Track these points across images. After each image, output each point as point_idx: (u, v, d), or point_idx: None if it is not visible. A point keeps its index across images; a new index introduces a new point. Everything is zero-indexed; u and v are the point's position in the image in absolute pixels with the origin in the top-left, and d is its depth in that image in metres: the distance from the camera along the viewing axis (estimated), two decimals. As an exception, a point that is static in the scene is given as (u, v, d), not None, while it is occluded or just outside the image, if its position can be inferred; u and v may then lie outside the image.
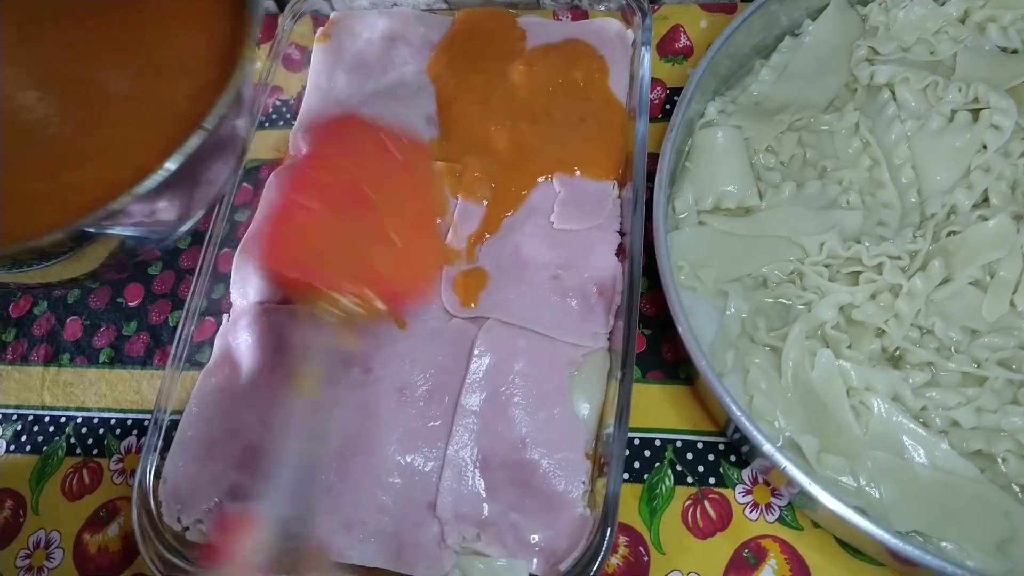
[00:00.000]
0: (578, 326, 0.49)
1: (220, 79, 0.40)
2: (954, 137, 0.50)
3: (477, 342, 0.48)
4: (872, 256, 0.47)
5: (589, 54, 0.56)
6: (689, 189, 0.52)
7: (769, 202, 0.51)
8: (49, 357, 0.59)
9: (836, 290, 0.46)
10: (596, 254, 0.50)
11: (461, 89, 0.56)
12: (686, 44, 0.62)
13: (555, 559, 0.43)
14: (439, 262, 0.47)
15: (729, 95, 0.56)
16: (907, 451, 0.43)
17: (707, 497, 0.47)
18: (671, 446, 0.49)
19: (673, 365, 0.52)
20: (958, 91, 0.51)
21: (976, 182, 0.48)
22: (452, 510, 0.44)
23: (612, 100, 0.56)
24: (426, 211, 0.47)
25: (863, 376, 0.44)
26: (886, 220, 0.49)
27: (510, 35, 0.57)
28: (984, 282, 0.46)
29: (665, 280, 0.45)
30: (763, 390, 0.45)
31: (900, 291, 0.46)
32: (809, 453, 0.43)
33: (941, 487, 0.42)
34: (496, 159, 0.54)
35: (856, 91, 0.54)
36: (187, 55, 0.43)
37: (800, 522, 0.46)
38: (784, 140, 0.53)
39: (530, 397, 0.47)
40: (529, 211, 0.52)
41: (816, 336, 0.47)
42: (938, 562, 0.37)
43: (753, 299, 0.49)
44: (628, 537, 0.47)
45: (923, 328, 0.46)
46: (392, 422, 0.47)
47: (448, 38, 0.58)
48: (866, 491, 0.42)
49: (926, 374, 0.45)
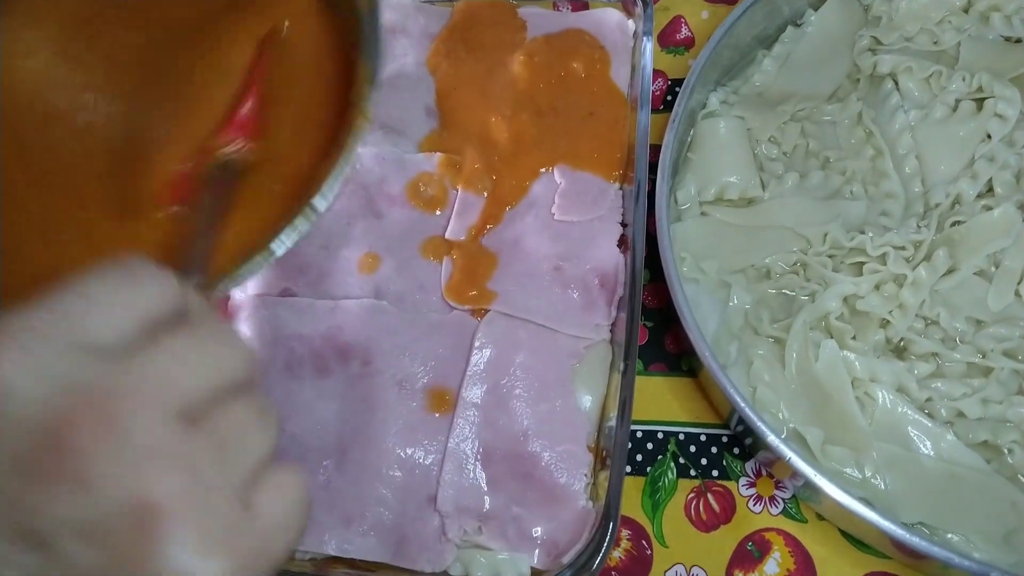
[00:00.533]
0: (580, 318, 0.48)
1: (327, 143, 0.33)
2: (958, 126, 0.50)
3: (478, 334, 0.48)
4: (876, 246, 0.46)
5: (590, 44, 0.56)
6: (691, 180, 0.51)
7: (772, 193, 0.50)
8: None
9: (840, 281, 0.46)
10: (598, 245, 0.50)
11: (461, 80, 0.55)
12: (687, 35, 0.62)
13: (557, 552, 0.43)
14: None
15: (731, 85, 0.55)
16: (912, 442, 0.43)
17: (710, 490, 0.47)
18: (674, 439, 0.49)
19: (676, 357, 0.51)
20: (962, 80, 0.50)
21: (980, 171, 0.48)
22: (453, 503, 0.44)
23: (615, 92, 0.55)
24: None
25: (868, 367, 0.44)
26: (890, 210, 0.49)
27: (510, 26, 0.57)
28: (989, 272, 0.46)
29: (668, 272, 0.45)
30: (767, 382, 0.45)
31: (904, 281, 0.46)
32: (814, 445, 0.43)
33: (947, 478, 0.42)
34: (497, 150, 0.53)
35: (859, 81, 0.54)
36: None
37: (804, 515, 0.46)
38: (787, 130, 0.53)
39: (532, 389, 0.46)
40: (530, 202, 0.52)
41: (820, 327, 0.46)
42: (945, 554, 0.37)
43: (756, 290, 0.48)
44: (631, 530, 0.47)
45: (928, 319, 0.46)
46: (392, 415, 0.46)
47: (448, 29, 0.57)
48: (871, 483, 0.42)
49: (931, 365, 0.44)
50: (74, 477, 0.21)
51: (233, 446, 0.23)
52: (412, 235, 0.51)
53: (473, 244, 0.51)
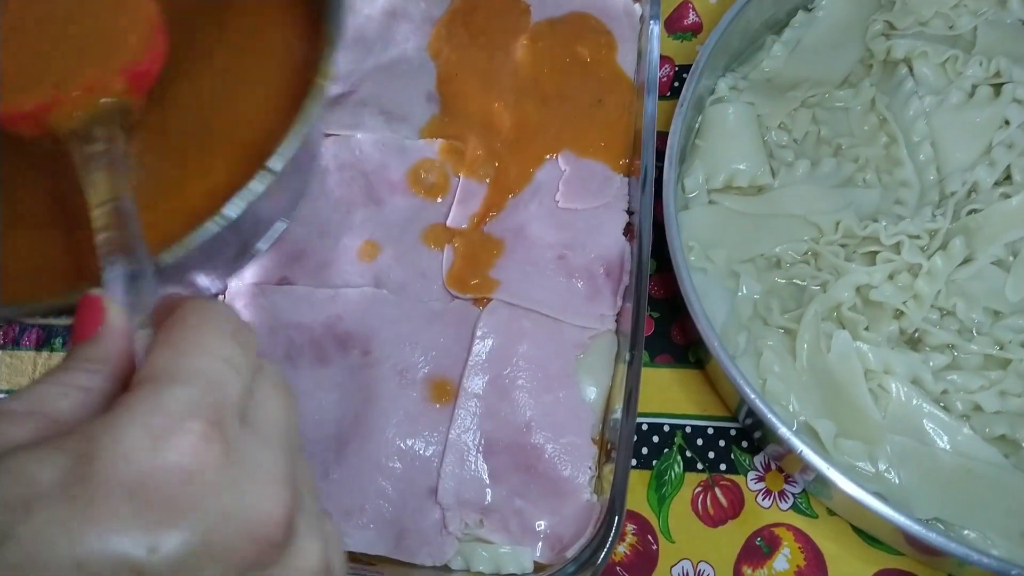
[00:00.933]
0: (585, 307, 0.47)
1: (290, 105, 0.32)
2: (975, 112, 0.48)
3: (480, 324, 0.47)
4: (890, 235, 0.45)
5: (596, 29, 0.54)
6: (699, 167, 0.50)
7: (782, 180, 0.49)
8: (41, 341, 0.57)
9: (853, 270, 0.45)
10: (603, 234, 0.49)
11: (463, 65, 0.54)
12: (695, 21, 0.60)
13: (561, 546, 0.41)
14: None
15: (740, 71, 0.54)
16: (928, 436, 0.41)
17: (718, 484, 0.46)
18: (680, 431, 0.48)
19: (683, 349, 0.50)
20: (979, 65, 0.49)
21: (998, 158, 0.47)
22: (454, 495, 0.43)
23: (622, 77, 0.54)
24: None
25: (881, 358, 0.43)
26: (904, 199, 0.48)
27: (513, 9, 0.55)
28: (1007, 261, 0.45)
29: (675, 261, 0.44)
30: (777, 373, 0.44)
31: (919, 271, 0.44)
32: (825, 438, 0.41)
33: (963, 473, 0.40)
34: (500, 137, 0.52)
35: (872, 66, 0.52)
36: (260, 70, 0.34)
37: (815, 509, 0.44)
38: (797, 117, 0.51)
39: (535, 380, 0.45)
40: (534, 190, 0.51)
41: (831, 318, 0.45)
42: (962, 550, 0.36)
43: (766, 280, 0.47)
44: (636, 525, 0.45)
45: (943, 309, 0.44)
46: (392, 405, 0.45)
47: (449, 13, 0.56)
48: (885, 477, 0.41)
49: (947, 356, 0.43)
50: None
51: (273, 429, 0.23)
52: (413, 223, 0.50)
53: (475, 232, 0.50)
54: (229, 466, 0.20)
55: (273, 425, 0.23)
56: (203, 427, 0.20)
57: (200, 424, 0.20)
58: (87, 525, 0.18)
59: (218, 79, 0.34)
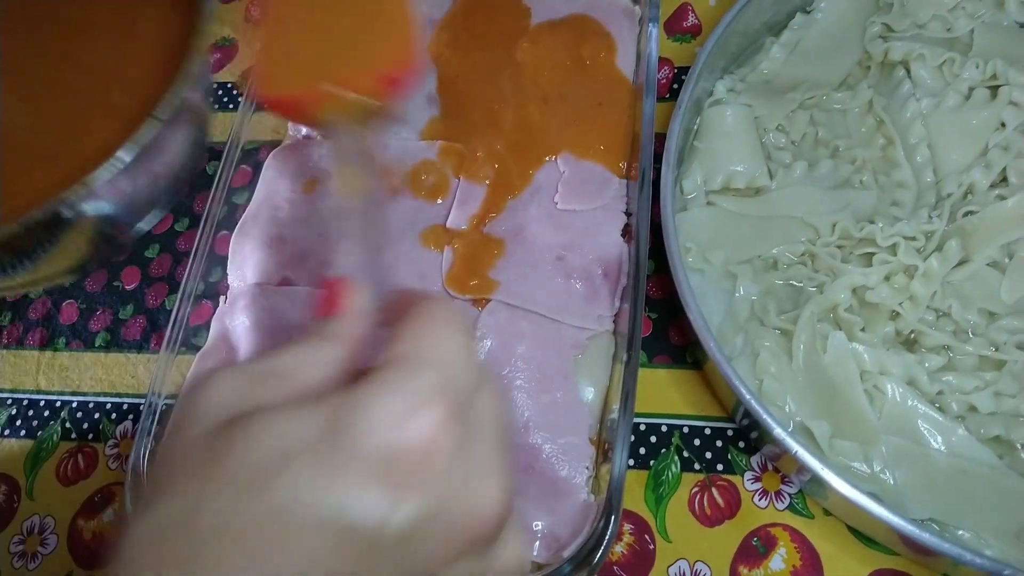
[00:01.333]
0: (583, 308, 0.47)
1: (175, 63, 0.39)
2: (971, 115, 0.48)
3: (479, 324, 0.47)
4: (886, 237, 0.45)
5: (596, 31, 0.55)
6: (697, 169, 0.50)
7: (780, 182, 0.49)
8: (45, 341, 0.58)
9: (849, 272, 0.45)
10: (602, 235, 0.49)
11: (463, 67, 0.55)
12: (694, 23, 0.61)
13: (558, 546, 0.42)
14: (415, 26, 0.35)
15: (739, 73, 0.54)
16: (923, 437, 0.42)
17: (715, 484, 0.46)
18: (678, 432, 0.48)
19: (680, 349, 0.50)
20: (975, 68, 0.49)
21: (994, 161, 0.47)
22: (452, 495, 0.43)
23: (621, 80, 0.54)
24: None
25: (877, 359, 0.43)
26: (901, 200, 0.48)
27: (514, 11, 0.56)
28: (1002, 263, 0.45)
29: (673, 262, 0.44)
30: (773, 374, 0.44)
31: (915, 272, 0.45)
32: (821, 438, 0.42)
33: (958, 474, 0.41)
34: (499, 138, 0.52)
35: (869, 69, 0.53)
36: (149, 37, 0.42)
37: (811, 510, 0.45)
38: (795, 119, 0.52)
39: (533, 381, 0.46)
40: (533, 191, 0.51)
41: (828, 319, 0.45)
42: (956, 550, 0.36)
43: (763, 281, 0.47)
44: (633, 524, 0.46)
45: (939, 310, 0.45)
46: (391, 405, 0.45)
47: (450, 15, 0.57)
48: (880, 477, 0.41)
49: (942, 358, 0.43)
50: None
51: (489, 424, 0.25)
52: (412, 224, 0.51)
53: (475, 233, 0.50)
54: (458, 453, 0.22)
55: (494, 424, 0.24)
56: (444, 412, 0.21)
57: (442, 408, 0.21)
58: (338, 482, 0.20)
59: (110, 52, 0.42)
